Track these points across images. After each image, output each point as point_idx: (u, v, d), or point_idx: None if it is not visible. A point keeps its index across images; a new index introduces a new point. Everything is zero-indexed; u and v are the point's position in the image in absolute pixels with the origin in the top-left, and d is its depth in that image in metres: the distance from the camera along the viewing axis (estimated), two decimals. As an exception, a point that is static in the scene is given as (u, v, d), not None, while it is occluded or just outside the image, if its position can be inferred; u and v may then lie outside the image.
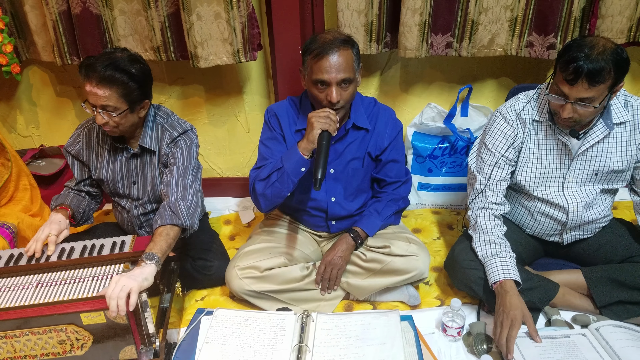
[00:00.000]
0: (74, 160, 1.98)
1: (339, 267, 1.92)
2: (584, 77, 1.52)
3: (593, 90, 1.54)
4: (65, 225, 1.83)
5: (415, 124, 2.54)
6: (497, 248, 1.74)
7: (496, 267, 1.69)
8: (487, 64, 2.49)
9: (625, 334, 1.59)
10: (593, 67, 1.50)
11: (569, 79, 1.55)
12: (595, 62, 1.50)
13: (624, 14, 2.10)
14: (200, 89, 2.64)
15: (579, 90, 1.55)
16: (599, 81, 1.52)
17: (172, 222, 1.73)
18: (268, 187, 1.78)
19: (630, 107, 1.74)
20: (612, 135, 1.74)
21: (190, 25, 2.19)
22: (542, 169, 1.82)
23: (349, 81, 1.72)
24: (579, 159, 1.78)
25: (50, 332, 1.47)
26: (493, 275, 1.68)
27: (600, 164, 1.77)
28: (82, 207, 1.98)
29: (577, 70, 1.52)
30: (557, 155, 1.80)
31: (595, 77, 1.51)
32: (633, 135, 1.74)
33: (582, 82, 1.53)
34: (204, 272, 2.04)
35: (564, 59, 1.56)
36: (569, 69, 1.54)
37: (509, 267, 1.68)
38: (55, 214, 1.85)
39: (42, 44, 2.46)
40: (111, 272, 1.63)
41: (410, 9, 2.12)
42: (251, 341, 1.68)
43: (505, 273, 1.66)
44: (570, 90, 1.57)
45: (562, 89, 1.59)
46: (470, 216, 1.87)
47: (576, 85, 1.54)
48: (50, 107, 2.80)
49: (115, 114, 1.74)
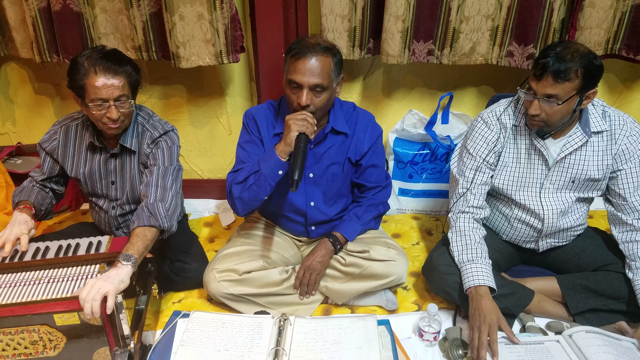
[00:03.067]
0: (47, 156, 1.95)
1: (317, 272, 1.92)
2: (549, 72, 1.58)
3: (558, 87, 1.59)
4: (32, 225, 1.80)
5: (396, 130, 2.56)
6: (473, 253, 1.75)
7: (472, 272, 1.71)
8: (468, 72, 2.52)
9: (597, 340, 1.62)
10: (559, 64, 1.57)
11: (536, 75, 1.62)
12: (562, 61, 1.57)
13: (601, 26, 2.15)
14: (182, 89, 2.62)
15: (544, 86, 1.61)
16: (563, 78, 1.57)
17: (150, 223, 1.71)
18: (245, 190, 1.77)
19: (608, 117, 1.77)
20: (590, 144, 1.77)
21: (173, 25, 2.18)
22: (520, 173, 1.85)
23: (322, 88, 1.72)
24: (557, 166, 1.81)
25: (22, 332, 1.45)
26: (468, 280, 1.70)
27: (577, 172, 1.80)
28: (46, 204, 1.95)
29: (544, 65, 1.58)
30: (535, 161, 1.83)
31: (560, 74, 1.57)
32: (610, 145, 1.78)
33: (547, 77, 1.59)
34: (181, 274, 2.02)
35: (537, 57, 1.65)
36: (538, 65, 1.61)
37: (484, 273, 1.70)
38: (20, 213, 1.80)
39: (21, 40, 2.42)
40: (87, 272, 1.60)
41: (393, 16, 2.14)
42: (228, 344, 1.67)
43: (480, 279, 1.68)
44: (537, 85, 1.63)
45: (531, 85, 1.65)
46: (450, 218, 1.89)
47: (542, 81, 1.61)
48: (28, 105, 2.76)
49: (127, 105, 1.75)
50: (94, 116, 1.75)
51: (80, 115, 1.93)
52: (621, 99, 2.57)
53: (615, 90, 2.56)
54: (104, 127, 1.78)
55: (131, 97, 1.79)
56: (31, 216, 1.82)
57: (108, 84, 1.69)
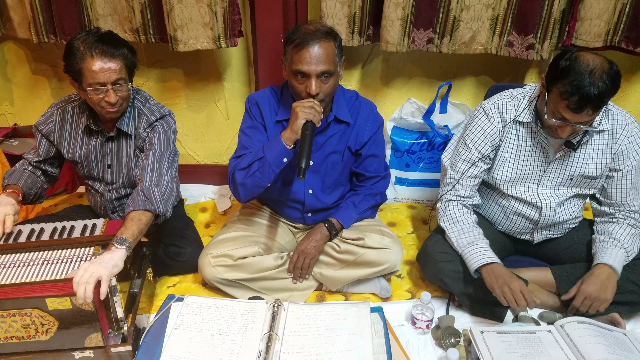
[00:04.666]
0: (42, 138, 1.94)
1: (311, 257, 1.92)
2: (590, 107, 1.52)
3: (596, 113, 1.56)
4: (18, 209, 1.79)
5: (394, 119, 2.55)
6: (471, 236, 1.76)
7: (478, 252, 1.71)
8: (467, 62, 2.50)
9: (588, 330, 1.63)
10: (597, 97, 1.50)
11: (572, 107, 1.54)
12: (598, 90, 1.49)
13: (602, 17, 2.13)
14: (180, 73, 2.61)
15: (583, 117, 1.56)
16: (602, 106, 1.54)
17: (145, 207, 1.71)
18: (248, 176, 1.76)
19: (611, 116, 1.76)
20: (591, 143, 1.77)
21: (171, 7, 2.16)
22: (519, 169, 1.85)
23: (329, 74, 1.71)
24: (556, 163, 1.81)
25: (14, 315, 1.45)
26: (475, 261, 1.70)
27: (576, 170, 1.80)
28: (35, 188, 1.95)
29: (582, 100, 1.51)
30: (535, 157, 1.82)
31: (599, 104, 1.53)
32: (610, 144, 1.77)
33: (587, 110, 1.53)
34: (176, 259, 2.02)
35: (566, 88, 1.53)
36: (574, 99, 1.52)
37: (489, 252, 1.72)
38: (7, 197, 1.79)
39: (19, 21, 2.40)
40: (81, 255, 1.61)
41: (393, 3, 2.12)
42: (221, 328, 1.68)
43: (488, 257, 1.69)
44: (573, 117, 1.57)
45: (565, 115, 1.58)
46: (439, 208, 1.89)
47: (581, 114, 1.54)
48: (26, 85, 2.74)
49: (125, 88, 1.75)
50: (92, 100, 1.74)
51: (77, 97, 1.92)
52: (620, 92, 2.53)
53: (614, 83, 2.54)
54: (102, 110, 1.77)
55: (129, 80, 1.77)
56: (17, 202, 1.81)
57: (105, 67, 1.68)
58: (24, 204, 1.91)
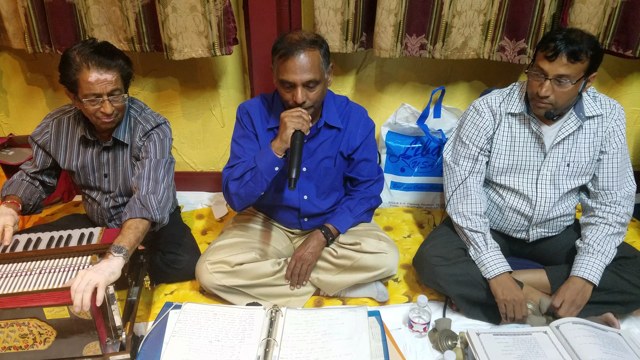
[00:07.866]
0: (39, 149, 1.95)
1: (309, 263, 1.93)
2: (563, 52, 1.61)
3: (571, 67, 1.62)
4: (17, 219, 1.80)
5: (389, 124, 2.57)
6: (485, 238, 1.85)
7: (495, 260, 1.81)
8: (460, 67, 2.53)
9: (583, 331, 1.64)
10: (572, 45, 1.60)
11: (549, 56, 1.64)
12: (574, 42, 1.61)
13: (592, 21, 2.16)
14: (175, 81, 2.62)
15: (558, 66, 1.63)
16: (577, 58, 1.61)
17: (142, 215, 1.72)
18: (242, 186, 1.78)
19: (599, 102, 1.83)
20: (583, 129, 1.82)
21: (165, 17, 2.17)
22: (514, 158, 1.88)
23: (315, 82, 1.72)
24: (553, 151, 1.84)
25: (12, 325, 1.44)
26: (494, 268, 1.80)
27: (572, 156, 1.84)
28: (34, 199, 1.96)
29: (557, 46, 1.61)
30: (530, 147, 1.86)
31: (574, 54, 1.60)
32: (600, 128, 1.82)
33: (561, 57, 1.62)
34: (173, 266, 2.03)
35: (545, 40, 1.67)
36: (550, 46, 1.63)
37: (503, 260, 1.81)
38: (7, 207, 1.80)
39: (13, 31, 2.41)
40: (78, 263, 1.61)
41: (385, 10, 2.14)
42: (219, 335, 1.68)
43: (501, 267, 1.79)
44: (550, 66, 1.64)
45: (542, 66, 1.66)
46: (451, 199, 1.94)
47: (556, 61, 1.63)
48: (21, 95, 2.74)
49: (121, 99, 1.75)
50: (88, 111, 1.75)
51: (72, 108, 1.93)
52: (611, 94, 2.59)
53: (605, 85, 2.58)
54: (98, 121, 1.78)
55: (124, 91, 1.78)
56: (17, 212, 1.82)
57: (101, 79, 1.68)
58: (23, 214, 1.92)
